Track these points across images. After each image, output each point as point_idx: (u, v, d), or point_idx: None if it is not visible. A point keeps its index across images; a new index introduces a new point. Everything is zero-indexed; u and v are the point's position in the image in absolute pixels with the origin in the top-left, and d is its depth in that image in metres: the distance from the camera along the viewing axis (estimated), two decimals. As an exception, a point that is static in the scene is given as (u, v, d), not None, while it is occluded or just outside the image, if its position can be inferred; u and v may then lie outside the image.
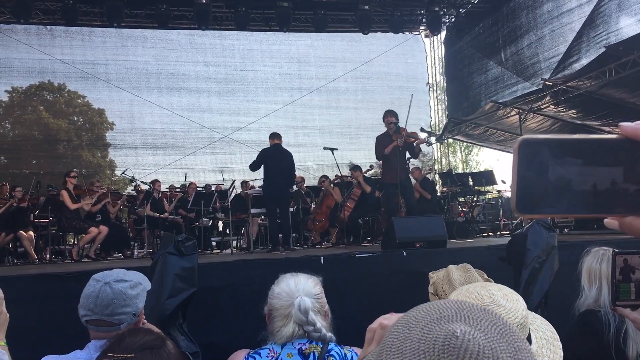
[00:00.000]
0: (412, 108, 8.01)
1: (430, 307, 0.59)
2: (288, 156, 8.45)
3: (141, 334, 1.48)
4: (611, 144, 0.57)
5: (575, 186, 0.56)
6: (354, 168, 10.27)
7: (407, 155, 8.28)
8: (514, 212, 0.58)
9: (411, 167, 9.56)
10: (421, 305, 0.61)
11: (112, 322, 1.93)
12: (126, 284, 1.99)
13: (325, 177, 11.11)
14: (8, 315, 1.68)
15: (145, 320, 2.12)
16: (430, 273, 2.64)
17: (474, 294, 1.46)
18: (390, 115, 8.06)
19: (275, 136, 8.60)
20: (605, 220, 0.61)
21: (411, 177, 9.16)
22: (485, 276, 2.55)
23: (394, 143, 7.80)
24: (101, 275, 2.03)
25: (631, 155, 0.56)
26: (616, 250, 1.41)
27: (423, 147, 9.43)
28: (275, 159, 8.31)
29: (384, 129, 8.20)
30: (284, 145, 8.68)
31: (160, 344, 1.44)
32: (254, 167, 8.51)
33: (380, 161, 8.55)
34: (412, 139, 8.13)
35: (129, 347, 1.38)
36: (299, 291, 1.93)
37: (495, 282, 1.89)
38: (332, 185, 10.43)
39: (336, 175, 10.77)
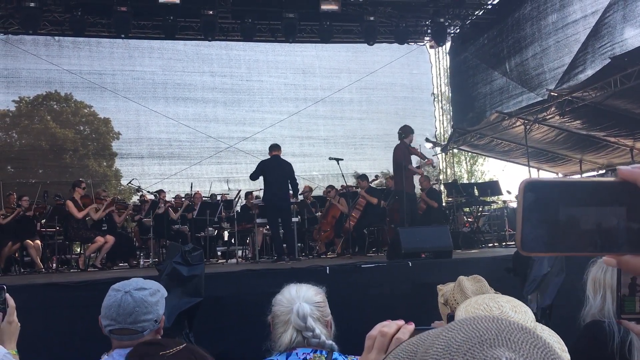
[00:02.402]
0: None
1: (469, 329, 0.58)
2: (286, 166, 8.49)
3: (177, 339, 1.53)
4: (612, 186, 0.59)
5: (579, 226, 0.58)
6: (361, 177, 10.28)
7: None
8: (519, 250, 0.60)
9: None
10: (457, 325, 0.59)
11: (136, 329, 1.96)
12: (146, 292, 2.03)
13: (331, 187, 11.11)
14: (19, 324, 1.71)
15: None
16: (439, 286, 2.64)
17: (483, 306, 1.46)
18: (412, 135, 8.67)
19: (274, 148, 8.64)
20: (604, 258, 0.63)
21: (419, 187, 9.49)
22: (494, 291, 2.54)
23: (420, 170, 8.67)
24: (120, 285, 2.06)
25: (631, 197, 0.58)
26: None
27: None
28: (274, 170, 8.36)
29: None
30: (289, 155, 8.74)
31: (197, 347, 1.48)
32: (252, 176, 8.64)
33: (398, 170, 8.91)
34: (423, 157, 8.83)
35: (175, 344, 1.43)
36: (299, 298, 1.97)
37: (502, 293, 1.90)
38: (337, 196, 10.42)
39: (342, 186, 10.78)
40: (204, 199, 11.43)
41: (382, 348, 0.85)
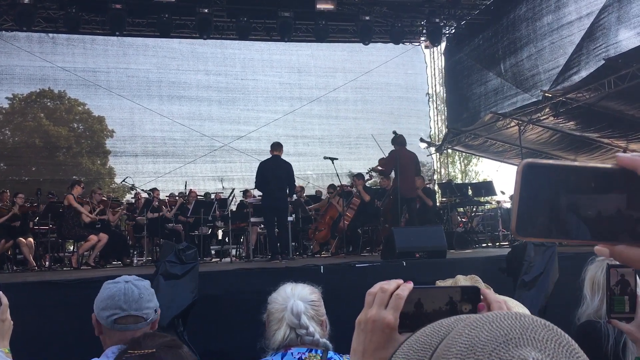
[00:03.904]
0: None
1: (492, 327, 0.56)
2: (286, 167, 8.44)
3: (158, 336, 1.52)
4: (610, 173, 0.57)
5: (576, 212, 0.57)
6: (357, 176, 10.26)
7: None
8: (513, 234, 0.58)
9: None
10: (480, 322, 0.57)
11: (141, 316, 1.96)
12: (145, 282, 2.07)
13: (333, 187, 11.04)
14: (12, 322, 1.70)
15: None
16: (438, 281, 2.64)
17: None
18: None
19: (275, 147, 8.59)
20: (596, 247, 0.61)
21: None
22: (492, 290, 2.53)
23: None
24: (115, 279, 2.06)
25: (629, 185, 0.57)
26: (610, 264, 1.42)
27: (422, 157, 9.88)
28: (273, 170, 8.31)
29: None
30: (284, 154, 8.69)
31: (178, 345, 1.49)
32: (257, 184, 8.54)
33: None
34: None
35: (149, 345, 1.42)
36: (294, 296, 1.97)
37: (497, 293, 1.90)
38: (337, 197, 10.39)
39: (338, 186, 10.76)
40: (198, 197, 11.41)
41: (383, 303, 0.86)
